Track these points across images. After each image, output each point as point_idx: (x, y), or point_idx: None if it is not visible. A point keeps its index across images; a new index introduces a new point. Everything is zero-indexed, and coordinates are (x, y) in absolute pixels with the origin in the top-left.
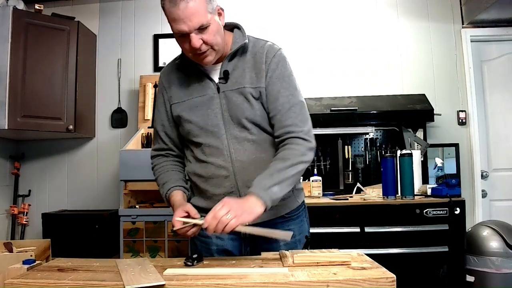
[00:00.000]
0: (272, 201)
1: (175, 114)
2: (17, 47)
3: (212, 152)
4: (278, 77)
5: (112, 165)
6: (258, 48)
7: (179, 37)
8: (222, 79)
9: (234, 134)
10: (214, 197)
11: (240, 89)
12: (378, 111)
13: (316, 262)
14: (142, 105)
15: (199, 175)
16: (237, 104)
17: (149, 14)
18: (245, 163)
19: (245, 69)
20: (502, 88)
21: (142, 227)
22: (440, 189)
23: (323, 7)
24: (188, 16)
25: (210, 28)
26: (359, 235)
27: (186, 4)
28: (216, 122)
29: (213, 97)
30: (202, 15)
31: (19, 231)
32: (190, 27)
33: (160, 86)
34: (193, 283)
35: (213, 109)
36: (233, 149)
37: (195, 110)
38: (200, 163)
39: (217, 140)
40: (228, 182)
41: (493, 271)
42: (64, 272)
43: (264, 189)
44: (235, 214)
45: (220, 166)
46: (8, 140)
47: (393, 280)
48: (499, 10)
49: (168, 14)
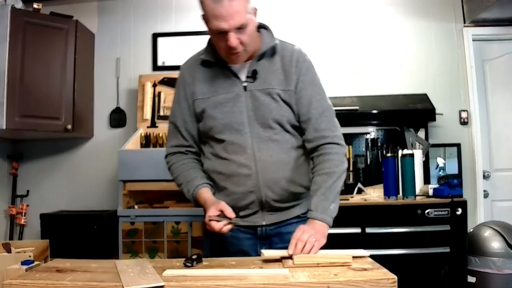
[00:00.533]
0: (332, 218)
1: (198, 110)
2: (15, 46)
3: (235, 150)
4: (310, 82)
5: (111, 165)
6: (287, 51)
7: (216, 34)
8: (250, 78)
9: (258, 133)
10: (233, 195)
11: (268, 90)
12: (379, 111)
13: (317, 263)
14: (141, 105)
15: (220, 173)
16: (265, 104)
17: (148, 13)
18: (267, 162)
19: (274, 70)
20: (504, 88)
21: (141, 227)
22: (442, 189)
23: (324, 6)
24: (230, 14)
25: (247, 29)
26: (360, 235)
27: (230, 3)
28: (241, 120)
29: (239, 95)
30: (242, 15)
31: (17, 232)
32: (231, 25)
33: (182, 81)
34: (193, 284)
35: (238, 107)
36: (257, 148)
37: (220, 107)
38: (221, 160)
39: (241, 138)
40: (249, 181)
41: (495, 272)
42: (62, 273)
43: (325, 212)
44: (317, 238)
45: (242, 164)
46: (6, 140)
47: (394, 281)
48: (501, 9)
49: (209, 11)
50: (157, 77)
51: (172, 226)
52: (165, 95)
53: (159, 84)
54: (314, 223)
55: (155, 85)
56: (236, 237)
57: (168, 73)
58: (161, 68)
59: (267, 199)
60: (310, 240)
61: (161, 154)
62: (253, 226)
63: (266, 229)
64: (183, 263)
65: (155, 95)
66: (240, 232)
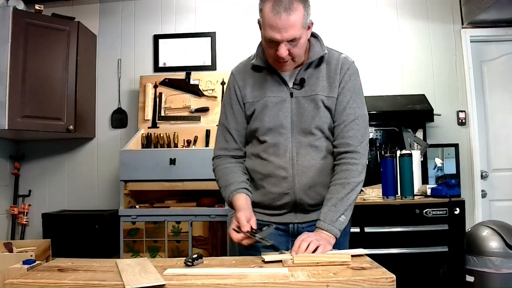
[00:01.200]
0: (340, 230)
1: (248, 112)
2: (17, 48)
3: (275, 152)
4: (349, 89)
5: (112, 165)
6: (333, 59)
7: (268, 41)
8: (297, 85)
9: (298, 139)
10: (269, 194)
11: (313, 96)
12: (378, 111)
13: (316, 262)
14: (142, 105)
15: (258, 172)
16: (308, 111)
17: (149, 14)
18: (305, 167)
19: (319, 77)
20: (502, 88)
21: (142, 227)
22: (440, 189)
23: (323, 7)
24: (285, 27)
25: (299, 42)
26: (359, 235)
27: (288, 16)
28: (285, 124)
29: (285, 100)
30: (298, 29)
31: (19, 231)
32: (284, 37)
33: (233, 84)
34: (193, 283)
35: (284, 111)
36: (295, 153)
37: (267, 110)
38: (260, 160)
39: (282, 141)
40: (285, 183)
41: (493, 271)
42: (64, 272)
43: (332, 224)
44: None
45: (280, 166)
46: (8, 140)
47: (392, 280)
48: (498, 11)
49: (266, 19)
50: (158, 78)
51: (172, 225)
52: (166, 96)
53: (160, 85)
54: (320, 232)
55: (156, 86)
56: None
57: (169, 74)
58: (162, 69)
59: (301, 201)
60: (314, 241)
61: (162, 154)
62: (286, 223)
63: (298, 226)
64: (184, 262)
65: (156, 96)
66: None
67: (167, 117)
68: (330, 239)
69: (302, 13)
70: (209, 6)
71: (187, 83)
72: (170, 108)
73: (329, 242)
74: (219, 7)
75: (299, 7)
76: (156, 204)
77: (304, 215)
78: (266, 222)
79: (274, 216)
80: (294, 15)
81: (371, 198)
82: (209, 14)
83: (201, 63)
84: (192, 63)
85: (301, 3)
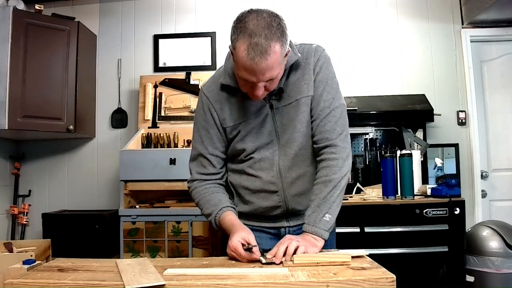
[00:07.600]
0: (328, 230)
1: (230, 136)
2: (17, 47)
3: (261, 167)
4: (321, 80)
5: (112, 165)
6: (306, 55)
7: (242, 79)
8: (276, 96)
9: (284, 151)
10: (259, 208)
11: (293, 103)
12: (378, 111)
13: (316, 262)
14: (142, 106)
15: (246, 187)
16: (290, 119)
17: (149, 14)
18: (294, 178)
19: (295, 81)
20: (502, 88)
21: (142, 227)
22: (440, 189)
23: (323, 7)
24: (261, 71)
25: (276, 79)
26: (359, 235)
27: (266, 61)
28: (270, 139)
29: (267, 115)
30: (275, 70)
31: (19, 231)
32: (260, 80)
33: (207, 107)
34: (193, 283)
35: (267, 127)
36: (282, 166)
37: (251, 132)
38: (247, 176)
39: (268, 155)
40: (276, 196)
41: (493, 271)
42: (64, 272)
43: (315, 225)
44: (301, 243)
45: (269, 181)
46: (8, 140)
47: (393, 280)
48: (499, 10)
49: (240, 62)
50: (158, 78)
51: (173, 225)
52: (166, 96)
53: (160, 85)
54: (305, 235)
55: (156, 86)
56: (259, 237)
57: (169, 74)
58: (162, 69)
59: (294, 209)
60: (293, 242)
61: (162, 154)
62: (277, 227)
63: (289, 230)
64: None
65: (156, 96)
66: (263, 233)
67: (167, 117)
68: (315, 241)
69: (280, 51)
70: (209, 6)
71: (187, 83)
72: (170, 108)
73: (314, 244)
74: (219, 7)
75: (276, 46)
76: (156, 204)
77: (296, 219)
78: (257, 228)
79: (265, 222)
80: (272, 58)
81: (371, 198)
82: (209, 14)
83: (201, 63)
84: (192, 63)
85: (278, 42)
